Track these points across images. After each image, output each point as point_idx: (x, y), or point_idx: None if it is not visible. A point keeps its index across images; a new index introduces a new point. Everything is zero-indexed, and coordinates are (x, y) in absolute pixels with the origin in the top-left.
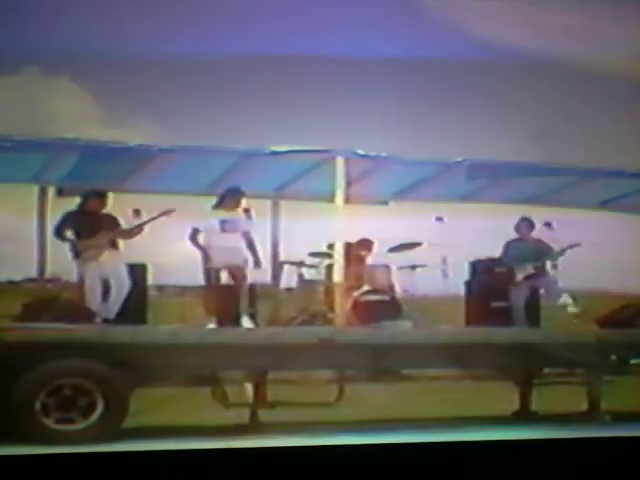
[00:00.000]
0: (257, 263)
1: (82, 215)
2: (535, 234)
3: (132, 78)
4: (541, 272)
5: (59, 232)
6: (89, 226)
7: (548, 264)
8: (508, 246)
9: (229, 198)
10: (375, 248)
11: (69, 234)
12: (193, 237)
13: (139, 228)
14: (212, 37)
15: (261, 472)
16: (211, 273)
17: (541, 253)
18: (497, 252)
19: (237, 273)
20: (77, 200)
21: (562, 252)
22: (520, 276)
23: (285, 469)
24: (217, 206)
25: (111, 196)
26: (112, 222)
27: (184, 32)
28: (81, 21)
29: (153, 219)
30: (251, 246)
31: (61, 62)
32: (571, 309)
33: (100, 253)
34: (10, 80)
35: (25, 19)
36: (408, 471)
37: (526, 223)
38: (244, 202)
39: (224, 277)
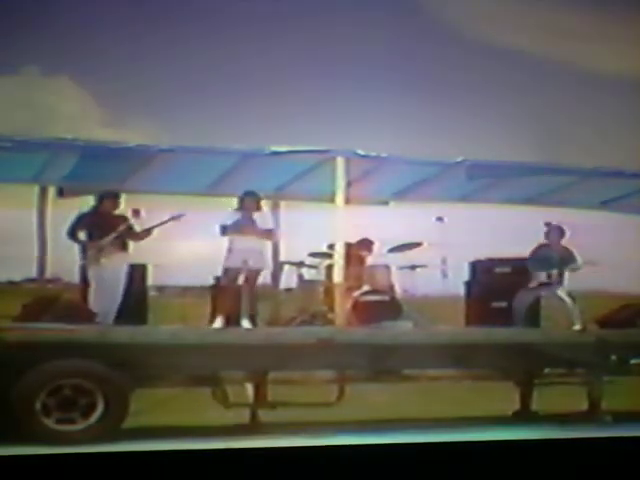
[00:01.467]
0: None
1: (95, 216)
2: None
3: (132, 78)
4: (556, 281)
5: (72, 233)
6: (101, 227)
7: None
8: (535, 251)
9: (249, 200)
10: (375, 248)
11: (82, 235)
12: (223, 233)
13: (148, 231)
14: (212, 37)
15: (261, 472)
16: (228, 273)
17: (564, 262)
18: (497, 252)
19: (250, 275)
20: (78, 200)
21: (584, 265)
22: (535, 282)
23: (285, 469)
24: (238, 209)
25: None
26: (124, 223)
27: (184, 32)
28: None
29: (163, 223)
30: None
31: (61, 62)
32: (576, 327)
33: (106, 254)
34: (10, 80)
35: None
36: (408, 471)
37: (556, 231)
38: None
39: (241, 278)
